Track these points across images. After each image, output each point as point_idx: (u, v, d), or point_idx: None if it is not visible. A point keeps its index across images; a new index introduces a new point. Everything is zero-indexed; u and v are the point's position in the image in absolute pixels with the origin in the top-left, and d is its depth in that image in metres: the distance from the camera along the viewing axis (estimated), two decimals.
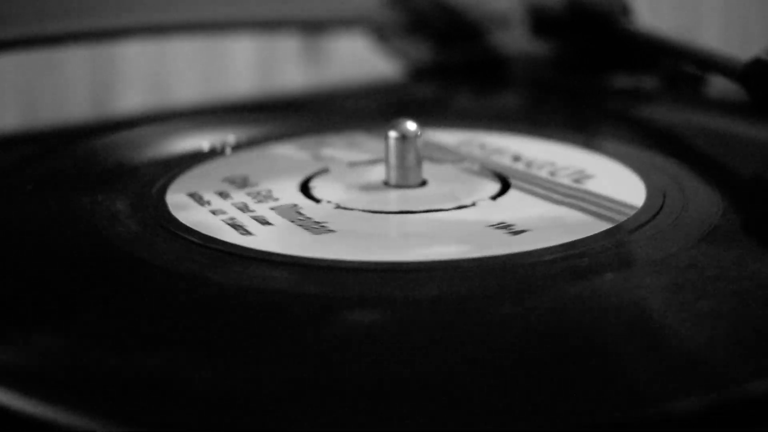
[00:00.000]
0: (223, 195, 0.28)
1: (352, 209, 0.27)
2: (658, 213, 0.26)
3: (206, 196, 0.28)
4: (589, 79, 0.41)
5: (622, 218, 0.26)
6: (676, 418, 0.18)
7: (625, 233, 0.25)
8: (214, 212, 0.27)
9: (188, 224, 0.26)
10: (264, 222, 0.26)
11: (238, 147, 0.32)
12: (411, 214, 0.27)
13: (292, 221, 0.26)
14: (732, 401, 0.18)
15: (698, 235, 0.25)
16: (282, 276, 0.23)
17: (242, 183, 0.29)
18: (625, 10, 0.40)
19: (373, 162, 0.30)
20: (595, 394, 0.18)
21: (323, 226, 0.26)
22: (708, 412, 0.18)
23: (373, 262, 0.24)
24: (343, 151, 0.32)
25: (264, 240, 0.25)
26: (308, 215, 0.26)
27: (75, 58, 0.56)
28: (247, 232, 0.25)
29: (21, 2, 0.40)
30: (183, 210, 0.27)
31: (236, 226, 0.26)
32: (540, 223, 0.26)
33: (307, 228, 0.26)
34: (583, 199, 0.27)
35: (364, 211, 0.27)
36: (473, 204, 0.27)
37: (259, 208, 0.27)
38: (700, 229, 0.25)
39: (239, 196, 0.28)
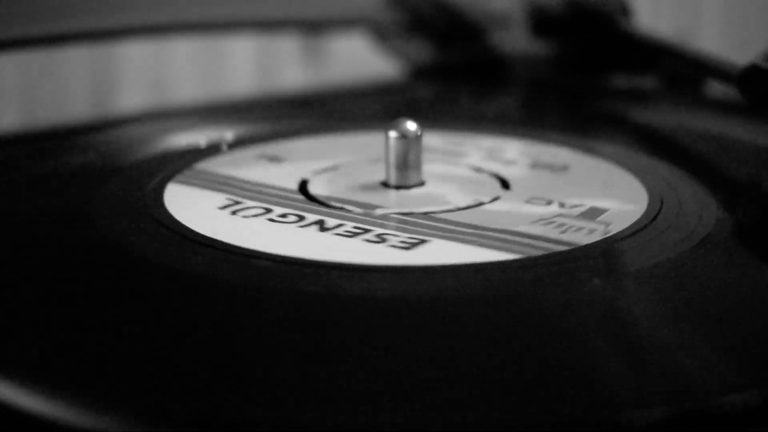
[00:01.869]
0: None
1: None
2: (655, 217, 0.26)
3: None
4: (588, 80, 0.41)
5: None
6: (662, 425, 0.18)
7: (621, 238, 0.25)
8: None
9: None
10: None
11: (232, 145, 0.32)
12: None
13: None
14: (721, 410, 0.18)
15: (693, 240, 0.25)
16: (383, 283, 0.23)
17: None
18: (625, 11, 0.40)
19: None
20: (576, 398, 0.18)
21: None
22: (697, 420, 0.18)
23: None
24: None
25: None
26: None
27: (75, 58, 0.56)
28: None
29: (21, 2, 0.40)
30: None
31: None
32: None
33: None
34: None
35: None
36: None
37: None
38: (695, 235, 0.25)
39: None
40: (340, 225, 0.26)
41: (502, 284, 0.23)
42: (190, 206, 0.27)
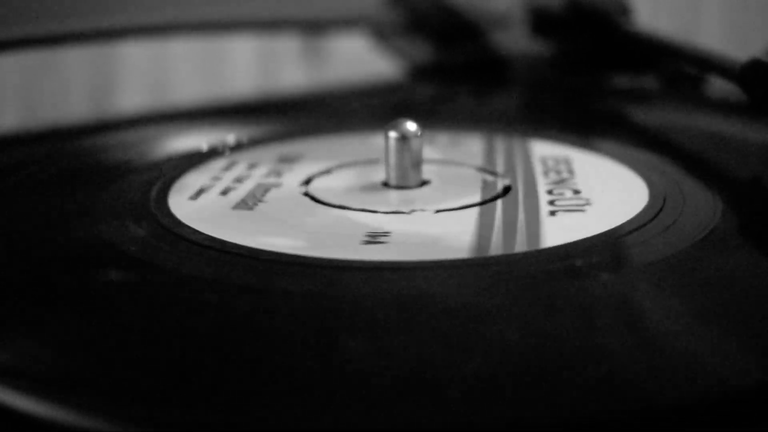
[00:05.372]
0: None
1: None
2: (658, 214, 0.26)
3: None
4: (589, 79, 0.41)
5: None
6: (668, 414, 0.18)
7: (624, 234, 0.25)
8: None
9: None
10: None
11: (235, 148, 0.32)
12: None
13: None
14: (724, 401, 0.18)
15: (696, 237, 0.25)
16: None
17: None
18: (625, 11, 0.40)
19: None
20: (588, 390, 0.18)
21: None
22: (700, 410, 0.18)
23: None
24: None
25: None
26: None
27: (75, 58, 0.56)
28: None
29: (21, 2, 0.40)
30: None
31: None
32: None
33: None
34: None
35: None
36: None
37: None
38: (698, 231, 0.25)
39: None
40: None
41: (511, 279, 0.23)
42: None
